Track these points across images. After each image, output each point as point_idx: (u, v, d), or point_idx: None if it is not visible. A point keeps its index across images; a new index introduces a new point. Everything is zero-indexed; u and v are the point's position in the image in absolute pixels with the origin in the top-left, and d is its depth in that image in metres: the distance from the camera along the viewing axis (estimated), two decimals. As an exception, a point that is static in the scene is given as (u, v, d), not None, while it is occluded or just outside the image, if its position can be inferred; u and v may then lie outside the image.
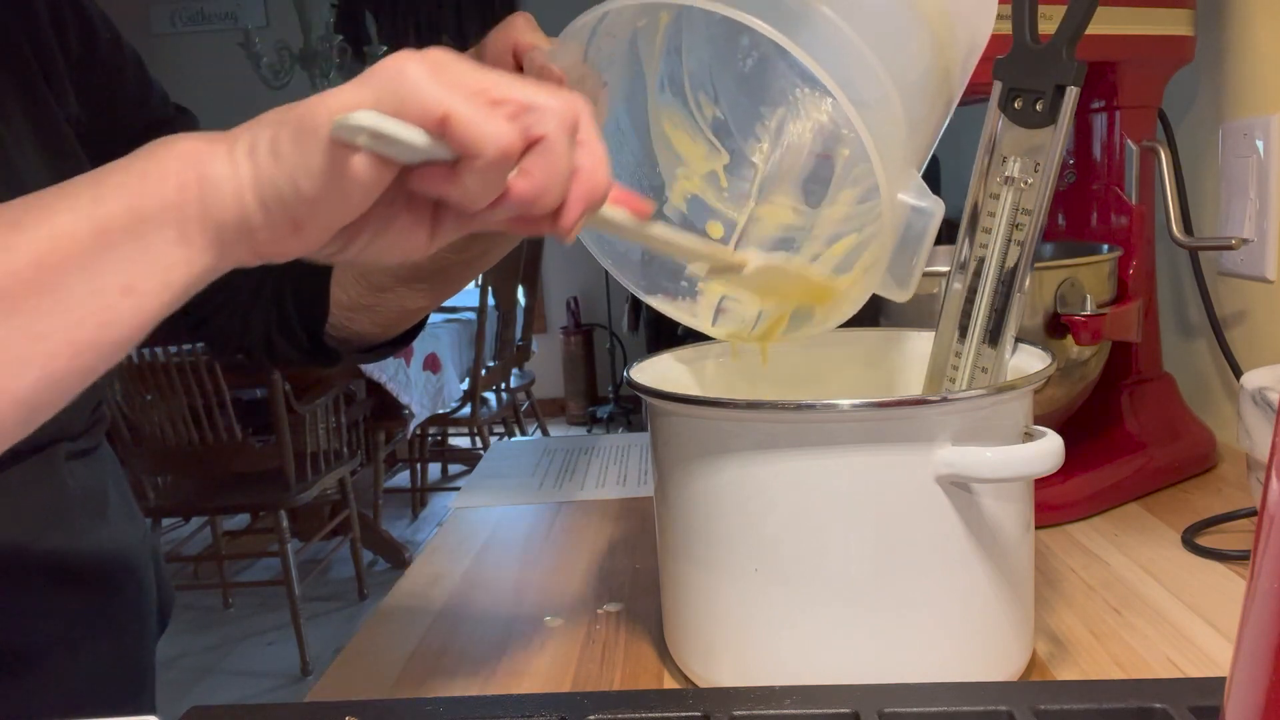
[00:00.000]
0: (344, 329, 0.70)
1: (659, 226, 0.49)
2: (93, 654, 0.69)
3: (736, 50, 0.60)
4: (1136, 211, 0.89)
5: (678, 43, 0.58)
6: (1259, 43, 0.95)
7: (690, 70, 0.59)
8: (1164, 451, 0.90)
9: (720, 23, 0.59)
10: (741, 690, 0.49)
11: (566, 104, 0.40)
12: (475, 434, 3.81)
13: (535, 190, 0.40)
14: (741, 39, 0.59)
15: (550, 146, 0.39)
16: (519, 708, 0.49)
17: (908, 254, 0.49)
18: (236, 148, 0.39)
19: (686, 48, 0.59)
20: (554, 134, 0.39)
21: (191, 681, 2.66)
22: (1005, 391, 0.52)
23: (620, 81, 0.57)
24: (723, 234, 0.60)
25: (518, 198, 0.40)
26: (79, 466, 0.68)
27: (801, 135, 0.60)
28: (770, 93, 0.60)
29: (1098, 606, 0.66)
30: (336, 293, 0.68)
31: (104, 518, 0.70)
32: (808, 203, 0.60)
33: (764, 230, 0.60)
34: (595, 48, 0.53)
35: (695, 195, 0.60)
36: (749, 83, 0.60)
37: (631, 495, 0.98)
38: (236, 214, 0.39)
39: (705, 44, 0.59)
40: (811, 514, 0.52)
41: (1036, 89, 0.53)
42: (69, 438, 0.67)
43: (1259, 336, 0.97)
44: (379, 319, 0.69)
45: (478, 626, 0.70)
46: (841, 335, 0.71)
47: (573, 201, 0.41)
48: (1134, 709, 0.46)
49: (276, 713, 0.52)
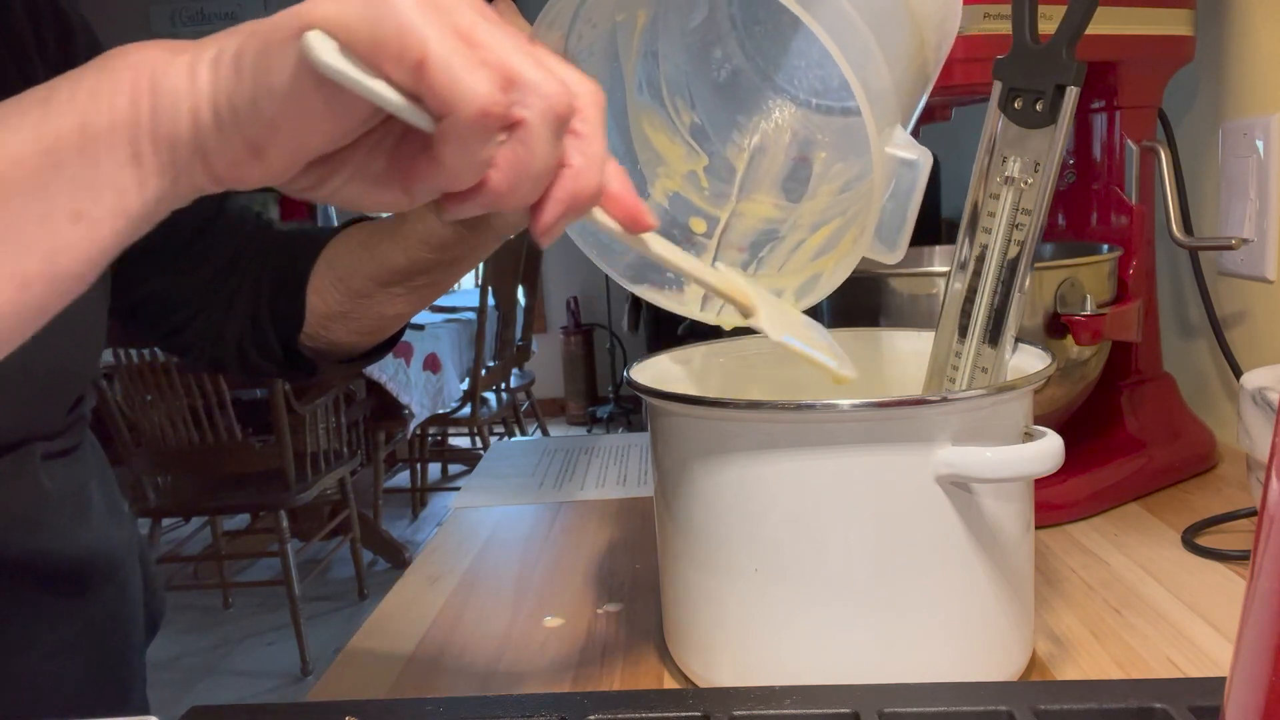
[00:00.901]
0: (320, 338, 0.68)
1: (661, 242, 0.45)
2: (74, 657, 0.67)
3: (710, 61, 0.60)
4: (1136, 211, 0.89)
5: (654, 47, 0.58)
6: (1259, 43, 0.95)
7: (667, 75, 0.59)
8: (1164, 451, 0.90)
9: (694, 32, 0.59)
10: (741, 690, 0.49)
11: (560, 87, 0.35)
12: (475, 434, 3.81)
13: (503, 185, 0.36)
14: (715, 51, 0.60)
15: (527, 135, 0.35)
16: (519, 708, 0.49)
17: (898, 210, 0.47)
18: (200, 59, 0.36)
19: (663, 54, 0.59)
20: (534, 121, 0.35)
21: (191, 681, 2.66)
22: (1005, 391, 0.52)
23: (601, 74, 0.56)
24: (706, 229, 0.60)
25: (485, 191, 0.36)
26: (57, 467, 0.66)
27: (778, 142, 0.60)
28: (746, 103, 0.60)
29: (1098, 606, 0.66)
30: (313, 300, 0.67)
31: (85, 519, 0.69)
32: (788, 199, 0.60)
33: (747, 224, 0.59)
34: (577, 34, 0.52)
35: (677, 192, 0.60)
36: (724, 92, 0.60)
37: (631, 495, 0.98)
38: (191, 132, 0.36)
39: (680, 52, 0.59)
40: (811, 514, 0.52)
41: (1036, 89, 0.53)
42: (44, 437, 0.65)
43: (1259, 336, 0.97)
44: (356, 327, 0.67)
45: (478, 626, 0.70)
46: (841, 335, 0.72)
47: (551, 201, 0.37)
48: (1134, 709, 0.46)
49: (276, 713, 0.52)
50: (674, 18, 0.59)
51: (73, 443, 0.69)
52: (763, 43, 0.60)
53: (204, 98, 0.35)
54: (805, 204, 0.59)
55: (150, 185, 0.36)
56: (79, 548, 0.68)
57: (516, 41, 0.35)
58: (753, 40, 0.60)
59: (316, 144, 0.36)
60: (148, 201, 0.37)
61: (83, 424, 0.71)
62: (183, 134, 0.36)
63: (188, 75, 0.35)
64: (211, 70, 0.35)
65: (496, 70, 0.34)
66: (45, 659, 0.66)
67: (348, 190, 0.38)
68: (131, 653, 0.74)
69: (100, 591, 0.70)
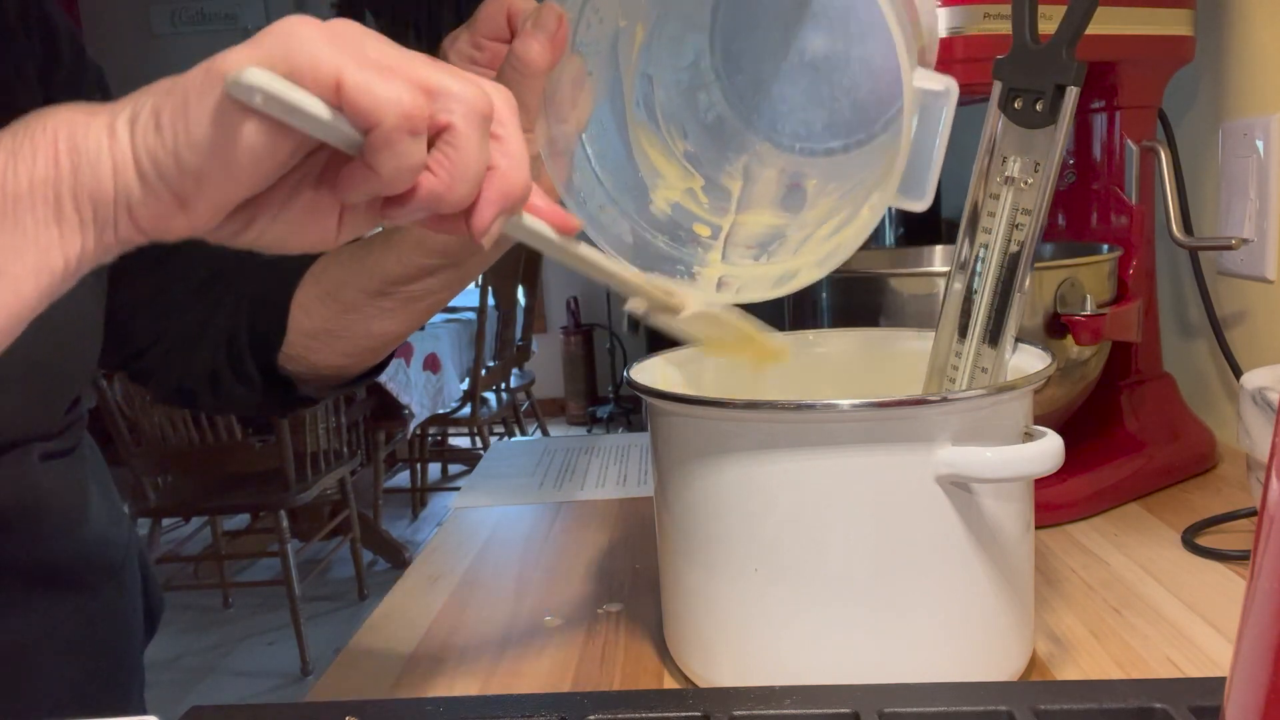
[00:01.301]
0: (301, 361, 0.66)
1: (586, 249, 0.46)
2: (73, 657, 0.67)
3: (698, 103, 0.60)
4: (1136, 211, 0.89)
5: (650, 70, 0.58)
6: (1259, 43, 0.95)
7: (660, 103, 0.59)
8: (1164, 451, 0.90)
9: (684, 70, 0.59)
10: (741, 690, 0.49)
11: (477, 91, 0.37)
12: (475, 434, 3.81)
13: (441, 186, 0.37)
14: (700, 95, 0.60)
15: (457, 136, 0.36)
16: (519, 708, 0.49)
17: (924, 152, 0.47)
18: (118, 118, 0.37)
19: (657, 80, 0.59)
20: (461, 123, 0.36)
21: (191, 681, 2.66)
22: (1005, 391, 0.52)
23: (605, 71, 0.57)
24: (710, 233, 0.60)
25: (424, 194, 0.37)
26: (56, 468, 0.66)
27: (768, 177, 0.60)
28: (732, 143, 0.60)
29: (1098, 606, 0.66)
30: (298, 316, 0.65)
31: (84, 520, 0.69)
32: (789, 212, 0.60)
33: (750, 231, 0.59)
34: (585, 23, 0.53)
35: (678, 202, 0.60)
36: (711, 132, 0.60)
37: (631, 495, 0.98)
38: (115, 188, 0.36)
39: (672, 85, 0.59)
40: (811, 514, 0.52)
41: (1036, 89, 0.53)
42: (42, 437, 0.65)
43: (1259, 336, 0.97)
44: (341, 347, 0.65)
45: (478, 626, 0.70)
46: (841, 335, 0.72)
47: (484, 203, 0.38)
48: (1134, 709, 0.46)
49: (276, 713, 0.52)
50: (666, 53, 0.59)
51: (71, 443, 0.68)
52: (745, 91, 0.60)
53: (125, 154, 0.36)
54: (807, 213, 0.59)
55: (73, 242, 0.37)
56: (79, 548, 0.68)
57: (426, 60, 0.37)
58: (735, 90, 0.60)
59: (241, 191, 0.36)
60: (70, 259, 0.37)
61: (81, 425, 0.70)
62: (105, 190, 0.36)
63: (106, 134, 0.36)
64: (129, 128, 0.36)
65: (413, 82, 0.35)
66: (45, 659, 0.65)
67: (273, 232, 0.39)
68: (131, 654, 0.74)
69: (100, 592, 0.70)
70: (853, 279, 0.82)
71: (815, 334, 0.72)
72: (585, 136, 0.56)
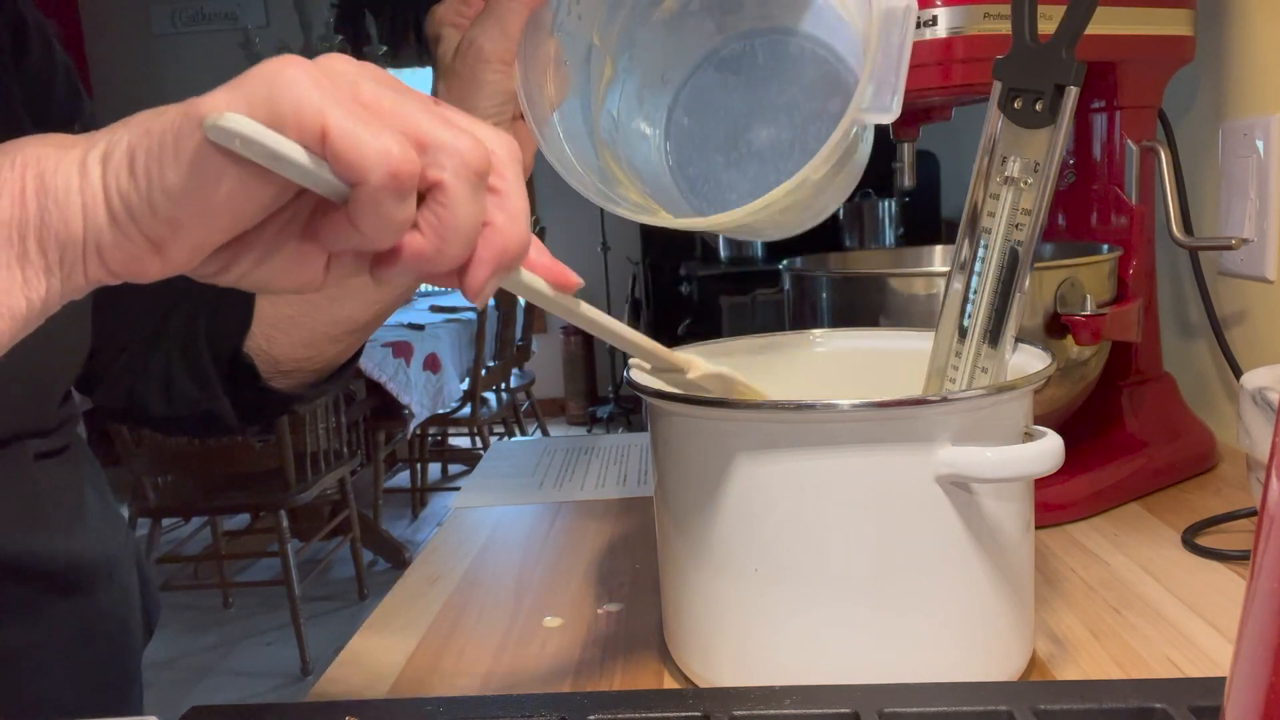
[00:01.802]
0: (264, 355, 0.65)
1: (588, 307, 0.44)
2: (71, 660, 0.67)
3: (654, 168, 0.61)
4: (1136, 211, 0.89)
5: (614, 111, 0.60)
6: (1259, 43, 0.95)
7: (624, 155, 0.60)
8: (1164, 451, 0.90)
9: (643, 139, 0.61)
10: (741, 690, 0.49)
11: (473, 144, 0.34)
12: (475, 434, 3.82)
13: (429, 248, 0.34)
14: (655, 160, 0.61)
15: (448, 196, 0.34)
16: (519, 708, 0.49)
17: (889, 66, 0.46)
18: (91, 154, 0.35)
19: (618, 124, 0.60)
20: (452, 181, 0.34)
21: (191, 681, 2.66)
22: (1005, 391, 0.52)
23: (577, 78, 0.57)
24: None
25: (410, 255, 0.34)
26: (51, 467, 0.66)
27: None
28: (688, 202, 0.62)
29: (1098, 606, 0.66)
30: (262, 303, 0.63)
31: (81, 520, 0.69)
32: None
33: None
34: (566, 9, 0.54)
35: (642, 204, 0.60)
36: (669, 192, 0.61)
37: (631, 495, 0.98)
38: (84, 231, 0.34)
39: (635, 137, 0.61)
40: (811, 514, 0.52)
41: (1036, 89, 0.53)
42: (36, 435, 0.64)
43: (1259, 336, 0.97)
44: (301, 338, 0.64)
45: (478, 626, 0.70)
46: (841, 335, 0.72)
47: (478, 262, 0.36)
48: (1134, 709, 0.46)
49: (276, 713, 0.52)
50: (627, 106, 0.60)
51: (64, 441, 0.68)
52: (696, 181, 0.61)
53: (95, 194, 0.34)
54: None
55: (37, 286, 0.35)
56: (76, 549, 0.68)
57: (423, 104, 0.34)
58: (686, 180, 0.61)
59: (219, 236, 0.35)
60: (34, 301, 0.36)
61: (73, 423, 0.70)
62: (74, 233, 0.35)
63: (77, 171, 0.34)
64: (102, 166, 0.34)
65: (404, 133, 0.33)
66: (43, 660, 0.65)
67: (258, 273, 0.37)
68: (130, 655, 0.74)
69: (98, 593, 0.70)
70: (853, 279, 0.82)
71: (815, 334, 0.72)
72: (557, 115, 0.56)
